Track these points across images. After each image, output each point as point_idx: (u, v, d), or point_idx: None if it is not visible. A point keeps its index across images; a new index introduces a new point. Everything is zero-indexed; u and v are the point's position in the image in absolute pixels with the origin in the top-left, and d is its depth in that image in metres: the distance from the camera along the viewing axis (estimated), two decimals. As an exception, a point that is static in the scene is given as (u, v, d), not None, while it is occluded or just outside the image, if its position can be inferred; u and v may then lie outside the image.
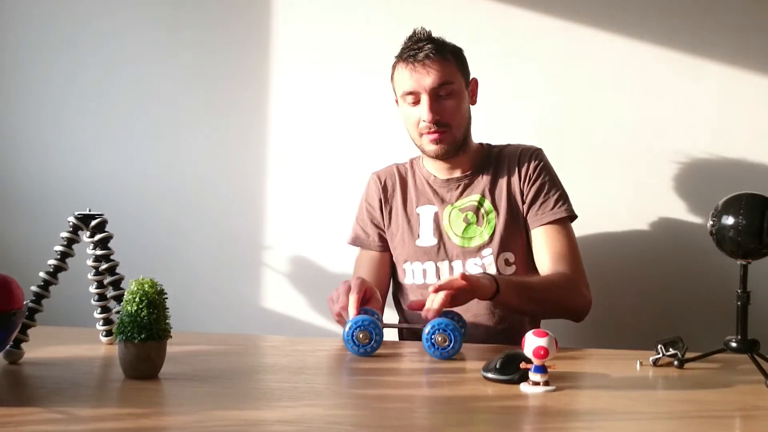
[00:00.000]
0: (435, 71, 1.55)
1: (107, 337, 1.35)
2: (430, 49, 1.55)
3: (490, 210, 1.62)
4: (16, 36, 2.20)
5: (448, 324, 1.26)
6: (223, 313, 2.13)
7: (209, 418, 0.93)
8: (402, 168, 1.74)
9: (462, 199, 1.64)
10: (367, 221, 1.72)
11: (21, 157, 2.22)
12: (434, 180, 1.67)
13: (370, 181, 1.75)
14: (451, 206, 1.64)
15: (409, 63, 1.56)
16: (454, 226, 1.63)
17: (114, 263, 1.31)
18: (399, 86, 1.60)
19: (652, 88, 1.92)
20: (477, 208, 1.63)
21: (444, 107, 1.57)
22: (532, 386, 1.07)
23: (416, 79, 1.55)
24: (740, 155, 1.88)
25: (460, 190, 1.65)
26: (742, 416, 1.00)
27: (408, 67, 1.56)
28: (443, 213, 1.64)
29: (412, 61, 1.56)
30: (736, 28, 1.87)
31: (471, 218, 1.62)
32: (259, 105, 2.11)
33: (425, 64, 1.55)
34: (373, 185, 1.74)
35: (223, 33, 2.12)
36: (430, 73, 1.54)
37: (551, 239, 1.58)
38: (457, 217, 1.63)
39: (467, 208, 1.63)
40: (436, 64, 1.55)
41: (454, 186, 1.65)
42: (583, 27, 1.94)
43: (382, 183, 1.72)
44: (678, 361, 1.21)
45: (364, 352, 1.28)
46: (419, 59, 1.55)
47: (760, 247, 1.11)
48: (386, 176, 1.73)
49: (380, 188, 1.72)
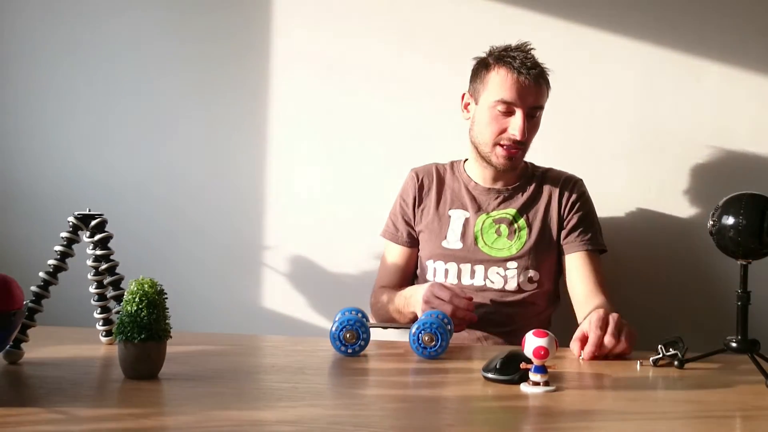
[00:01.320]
0: (538, 93, 1.58)
1: (107, 337, 1.35)
2: (541, 72, 1.58)
3: (523, 227, 1.65)
4: (16, 36, 2.20)
5: (433, 323, 1.26)
6: (223, 313, 2.12)
7: (209, 418, 0.93)
8: (441, 168, 1.76)
9: (498, 210, 1.67)
10: (399, 217, 1.75)
11: (21, 157, 2.21)
12: (474, 186, 1.70)
13: (408, 177, 1.77)
14: (486, 215, 1.66)
15: (520, 74, 1.56)
16: (485, 235, 1.65)
17: (114, 263, 1.31)
18: (495, 90, 1.59)
19: (652, 88, 1.92)
20: (511, 222, 1.65)
21: (531, 128, 1.61)
22: (532, 386, 1.07)
23: (521, 93, 1.56)
24: (740, 155, 1.88)
25: (498, 201, 1.68)
26: (742, 416, 1.00)
27: (516, 77, 1.56)
28: (477, 220, 1.66)
29: (525, 74, 1.56)
30: (736, 28, 1.87)
31: (503, 231, 1.64)
32: (259, 105, 2.11)
33: (535, 82, 1.57)
34: (410, 181, 1.76)
35: (224, 33, 2.12)
36: (534, 93, 1.57)
37: (590, 267, 1.62)
38: (490, 227, 1.65)
39: (501, 220, 1.66)
40: (541, 86, 1.59)
41: (494, 196, 1.68)
42: (583, 27, 1.94)
43: (419, 180, 1.74)
44: (678, 361, 1.21)
45: (352, 352, 1.28)
46: (531, 76, 1.56)
47: (760, 247, 1.10)
48: (424, 174, 1.75)
49: (416, 186, 1.74)
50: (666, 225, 1.92)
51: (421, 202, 1.73)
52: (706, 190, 1.88)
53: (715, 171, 1.89)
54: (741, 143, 1.88)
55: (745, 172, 1.87)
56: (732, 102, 1.88)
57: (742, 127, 1.88)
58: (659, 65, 1.91)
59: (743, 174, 1.87)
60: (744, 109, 1.88)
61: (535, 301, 1.63)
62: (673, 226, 1.91)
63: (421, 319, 1.27)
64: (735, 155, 1.88)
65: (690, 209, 1.90)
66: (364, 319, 1.32)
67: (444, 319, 1.29)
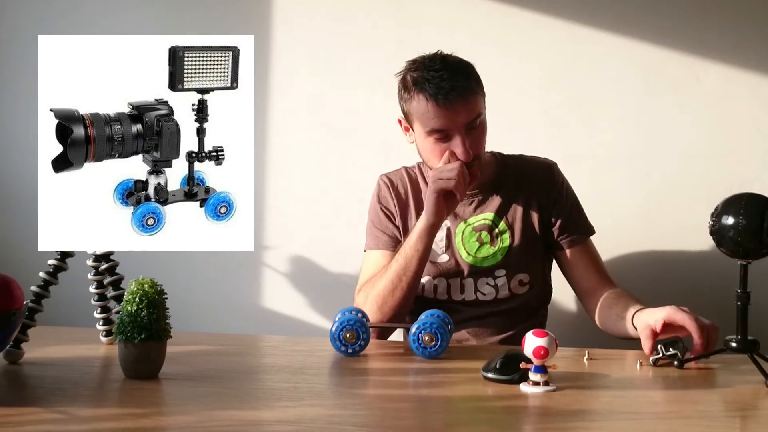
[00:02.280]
0: (467, 109, 1.44)
1: (107, 337, 1.35)
2: (462, 88, 1.43)
3: (504, 230, 1.57)
4: (15, 35, 2.20)
5: (433, 323, 1.26)
6: (223, 313, 2.12)
7: (209, 418, 0.93)
8: (412, 174, 1.65)
9: (475, 216, 1.58)
10: (386, 222, 1.62)
11: (21, 157, 2.21)
12: None
13: (381, 184, 1.66)
14: (464, 223, 1.58)
15: (439, 100, 1.43)
16: (467, 245, 1.57)
17: (114, 263, 1.31)
18: (423, 121, 1.47)
19: (652, 88, 1.92)
20: (491, 228, 1.57)
21: (476, 140, 1.48)
22: (532, 386, 1.07)
23: (449, 118, 1.44)
24: (740, 155, 1.88)
25: (474, 207, 1.59)
26: (742, 416, 1.00)
27: (438, 104, 1.43)
28: (456, 230, 1.58)
29: (444, 100, 1.42)
30: (736, 28, 1.87)
31: (485, 238, 1.57)
32: (258, 103, 2.11)
33: (458, 103, 1.43)
34: (384, 188, 1.65)
35: (224, 32, 2.12)
36: (464, 112, 1.44)
37: (590, 256, 1.59)
38: (470, 236, 1.57)
39: (481, 227, 1.57)
40: (468, 101, 1.44)
41: (467, 202, 1.59)
42: (584, 27, 1.93)
43: (395, 188, 1.64)
44: (678, 361, 1.21)
45: (352, 352, 1.28)
46: (451, 98, 1.42)
47: (760, 247, 1.10)
48: (397, 181, 1.65)
49: (393, 193, 1.63)
50: (666, 225, 1.91)
51: (402, 209, 1.62)
52: (706, 190, 1.88)
53: (715, 171, 1.88)
54: (741, 143, 1.88)
55: (745, 172, 1.87)
56: (732, 102, 1.88)
57: (742, 127, 1.88)
58: (659, 65, 1.91)
59: (743, 174, 1.87)
60: (744, 109, 1.88)
61: (529, 301, 1.60)
62: (673, 226, 1.91)
63: (421, 319, 1.27)
64: (735, 155, 1.88)
65: (690, 209, 1.90)
66: (364, 319, 1.32)
67: (444, 319, 1.29)
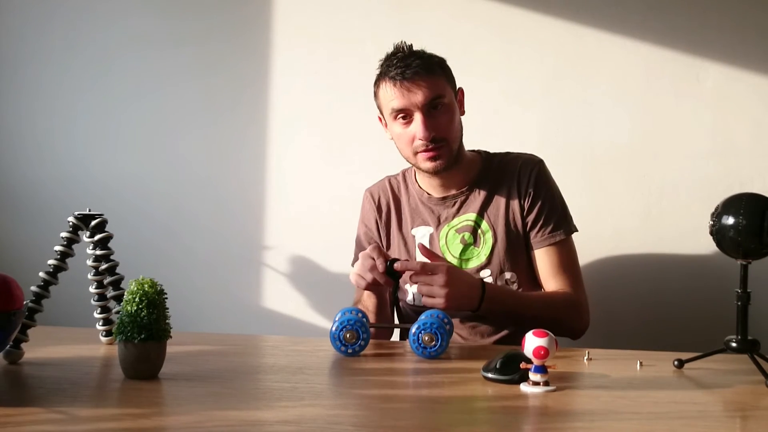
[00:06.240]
0: (426, 87, 1.49)
1: (107, 337, 1.35)
2: (419, 65, 1.49)
3: (486, 230, 1.56)
4: (16, 36, 2.20)
5: (434, 323, 1.26)
6: (223, 313, 2.13)
7: (209, 418, 0.93)
8: (395, 183, 1.68)
9: (458, 218, 1.59)
10: (366, 242, 1.66)
11: (21, 157, 2.22)
12: (429, 198, 1.61)
13: (364, 200, 1.70)
14: (447, 226, 1.59)
15: (396, 81, 1.49)
16: (451, 248, 1.57)
17: (114, 263, 1.31)
18: (387, 105, 1.53)
19: (652, 88, 1.92)
20: (474, 228, 1.57)
21: (439, 122, 1.51)
22: (532, 386, 1.07)
23: (407, 97, 1.49)
24: (740, 155, 1.88)
25: (456, 208, 1.59)
26: (742, 416, 1.00)
27: (396, 85, 1.49)
28: (439, 234, 1.59)
29: (401, 79, 1.49)
30: (736, 28, 1.87)
31: (468, 239, 1.57)
32: (259, 104, 2.11)
33: (415, 81, 1.48)
34: (367, 205, 1.69)
35: (224, 32, 2.12)
36: (422, 89, 1.48)
37: (553, 260, 1.55)
38: (454, 238, 1.58)
39: (464, 228, 1.58)
40: (426, 80, 1.49)
41: (450, 204, 1.59)
42: (583, 27, 1.94)
43: (377, 202, 1.67)
44: (678, 361, 1.21)
45: (352, 352, 1.28)
46: (407, 76, 1.48)
47: (760, 247, 1.10)
48: (380, 194, 1.68)
49: (375, 208, 1.66)
50: (666, 225, 1.91)
51: (383, 224, 1.65)
52: (706, 190, 1.88)
53: (715, 171, 1.88)
54: (741, 143, 1.88)
55: (745, 173, 1.87)
56: (732, 102, 1.88)
57: (742, 127, 1.88)
58: (659, 65, 1.91)
59: (743, 174, 1.87)
60: (744, 109, 1.88)
61: None
62: (673, 226, 1.91)
63: (421, 319, 1.27)
64: (735, 155, 1.88)
65: (690, 209, 1.90)
66: (364, 319, 1.32)
67: (444, 319, 1.29)
